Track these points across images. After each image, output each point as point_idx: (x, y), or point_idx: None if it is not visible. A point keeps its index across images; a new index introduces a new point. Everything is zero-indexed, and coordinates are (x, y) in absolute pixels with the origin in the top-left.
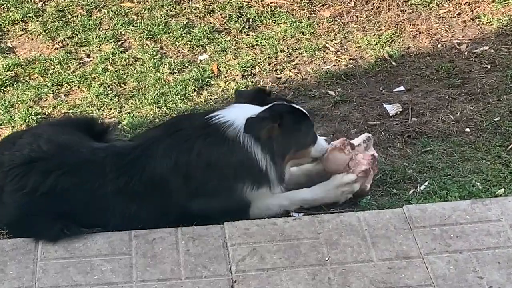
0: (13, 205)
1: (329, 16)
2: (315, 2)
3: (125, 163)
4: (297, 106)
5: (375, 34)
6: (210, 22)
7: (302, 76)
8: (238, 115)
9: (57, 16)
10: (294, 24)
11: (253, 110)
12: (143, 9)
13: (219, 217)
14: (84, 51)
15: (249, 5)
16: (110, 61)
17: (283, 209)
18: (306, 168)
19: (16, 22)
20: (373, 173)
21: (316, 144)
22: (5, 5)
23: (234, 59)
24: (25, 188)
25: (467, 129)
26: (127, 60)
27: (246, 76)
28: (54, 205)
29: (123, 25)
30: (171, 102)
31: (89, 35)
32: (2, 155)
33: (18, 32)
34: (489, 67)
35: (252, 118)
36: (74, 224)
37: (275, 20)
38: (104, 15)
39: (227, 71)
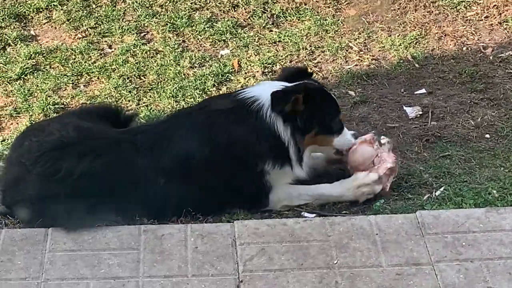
0: (44, 189)
1: (354, 15)
2: (341, 0)
3: (153, 137)
4: (327, 90)
5: (399, 34)
6: (234, 17)
7: (323, 75)
8: (264, 91)
9: (81, 5)
10: (319, 21)
11: (281, 86)
12: (168, 1)
13: (239, 195)
14: (106, 41)
15: (274, 1)
16: (131, 53)
17: (300, 201)
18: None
19: (41, 10)
20: (395, 174)
21: (341, 135)
22: None
23: (256, 55)
24: (59, 172)
25: (487, 135)
26: (148, 53)
27: (267, 73)
28: (88, 187)
29: (147, 16)
30: (189, 97)
31: (112, 26)
32: (31, 141)
33: (42, 20)
34: None
35: (277, 91)
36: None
37: (299, 17)
38: (129, 6)
39: (247, 67)
